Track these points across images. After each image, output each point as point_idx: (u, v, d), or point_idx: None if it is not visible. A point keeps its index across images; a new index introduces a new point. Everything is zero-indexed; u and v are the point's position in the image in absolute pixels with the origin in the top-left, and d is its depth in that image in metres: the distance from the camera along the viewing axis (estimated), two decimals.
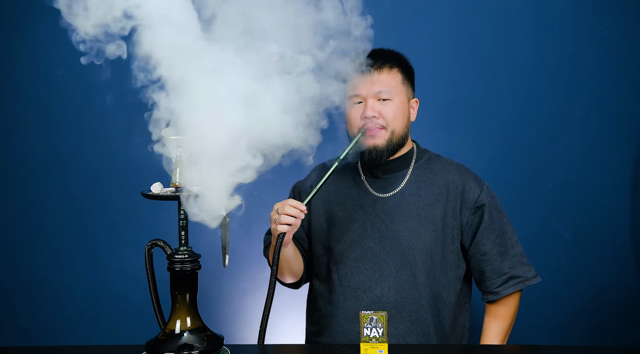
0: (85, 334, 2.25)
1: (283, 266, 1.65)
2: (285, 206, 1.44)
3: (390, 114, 1.57)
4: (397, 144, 1.59)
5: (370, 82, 1.57)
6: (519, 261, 1.62)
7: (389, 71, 1.59)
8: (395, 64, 1.60)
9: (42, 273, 2.32)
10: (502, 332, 1.63)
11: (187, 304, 1.29)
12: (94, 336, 2.24)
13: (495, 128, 2.35)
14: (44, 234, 2.34)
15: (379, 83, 1.57)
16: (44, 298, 2.31)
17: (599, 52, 2.32)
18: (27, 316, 2.34)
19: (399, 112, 1.58)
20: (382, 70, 1.58)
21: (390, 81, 1.58)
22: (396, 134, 1.58)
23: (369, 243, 1.60)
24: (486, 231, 1.60)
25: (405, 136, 1.61)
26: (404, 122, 1.60)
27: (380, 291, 1.57)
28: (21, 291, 2.35)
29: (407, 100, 1.62)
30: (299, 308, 1.95)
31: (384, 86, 1.57)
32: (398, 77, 1.60)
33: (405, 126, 1.61)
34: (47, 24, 2.24)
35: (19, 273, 2.34)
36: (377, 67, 1.58)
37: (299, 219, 1.45)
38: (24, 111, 2.36)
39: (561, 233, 2.33)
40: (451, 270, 1.61)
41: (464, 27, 2.34)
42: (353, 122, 1.59)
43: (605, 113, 2.33)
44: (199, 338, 1.27)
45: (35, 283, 2.33)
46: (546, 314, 2.33)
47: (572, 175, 2.33)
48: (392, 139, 1.58)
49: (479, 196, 1.60)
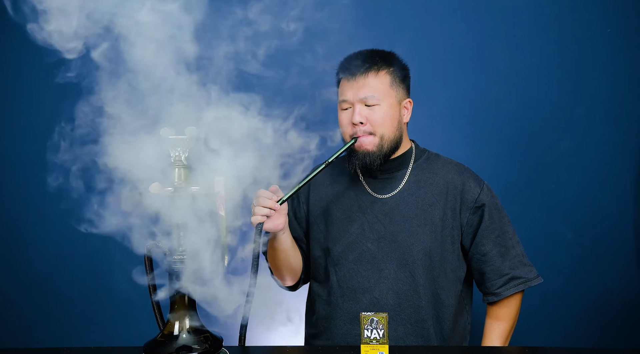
0: (83, 336, 2.25)
1: (281, 257, 1.62)
2: (260, 198, 1.44)
3: (378, 120, 1.55)
4: (390, 148, 1.58)
5: (356, 88, 1.55)
6: (520, 262, 1.61)
7: (376, 74, 1.56)
8: (383, 65, 1.57)
9: (40, 274, 2.31)
10: (503, 334, 1.62)
11: (186, 305, 1.29)
12: (92, 338, 2.23)
13: (496, 127, 2.33)
14: (41, 234, 2.33)
15: (365, 88, 1.55)
16: (41, 300, 2.31)
17: (601, 51, 2.30)
18: (24, 318, 2.34)
19: (388, 117, 1.56)
20: (368, 74, 1.56)
21: (377, 85, 1.56)
22: (386, 139, 1.57)
23: (368, 244, 1.59)
24: (486, 231, 1.59)
25: (397, 138, 1.59)
26: (393, 125, 1.58)
27: (379, 292, 1.57)
28: (19, 294, 2.34)
29: (397, 102, 1.59)
30: (296, 310, 1.94)
31: (369, 91, 1.55)
32: (386, 79, 1.57)
33: (396, 129, 1.58)
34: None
35: (16, 274, 2.34)
36: (362, 72, 1.55)
37: (277, 211, 1.45)
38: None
39: (563, 234, 2.31)
40: (451, 271, 1.60)
41: (466, 26, 2.33)
42: (344, 128, 1.59)
43: (608, 112, 2.31)
44: (198, 340, 1.27)
45: (33, 285, 2.32)
46: (548, 315, 2.32)
47: (575, 175, 2.32)
48: (382, 144, 1.56)
49: (479, 195, 1.60)
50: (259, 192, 1.45)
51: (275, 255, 1.63)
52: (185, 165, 1.28)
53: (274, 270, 1.69)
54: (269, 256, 1.66)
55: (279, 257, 1.63)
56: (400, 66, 1.62)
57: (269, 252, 1.64)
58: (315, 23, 2.01)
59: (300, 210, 1.71)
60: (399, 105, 1.60)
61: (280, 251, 1.61)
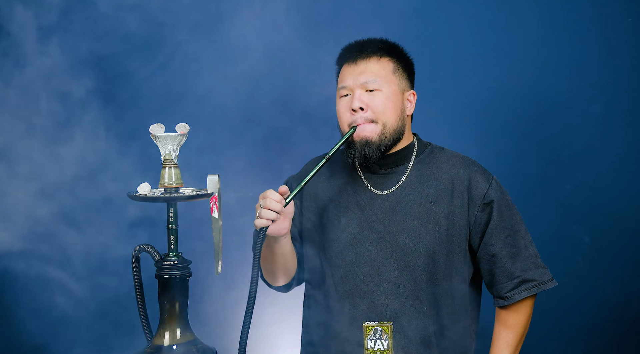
0: (69, 346, 2.21)
1: (279, 261, 1.59)
2: (267, 200, 1.39)
3: (380, 105, 1.50)
4: (391, 139, 1.53)
5: (357, 72, 1.52)
6: (533, 263, 1.55)
7: (378, 60, 1.53)
8: (385, 52, 1.54)
9: (22, 281, 2.26)
10: (512, 343, 1.57)
11: (177, 315, 1.26)
12: (78, 348, 2.20)
13: (508, 124, 2.31)
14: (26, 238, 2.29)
15: (366, 73, 1.51)
16: (25, 307, 2.26)
17: (621, 41, 2.26)
18: (8, 326, 2.28)
19: (390, 103, 1.51)
20: (370, 59, 1.53)
21: (379, 70, 1.52)
22: (389, 127, 1.51)
23: (366, 245, 1.54)
24: (495, 230, 1.53)
25: (399, 129, 1.54)
26: (396, 113, 1.52)
27: (378, 297, 1.52)
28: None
29: (400, 91, 1.55)
30: (294, 316, 1.91)
31: (370, 76, 1.51)
32: (389, 66, 1.54)
33: (398, 118, 1.53)
34: None
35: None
36: (364, 56, 1.53)
37: (283, 215, 1.42)
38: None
39: (580, 237, 2.29)
40: (456, 274, 1.54)
41: (474, 16, 2.31)
42: (342, 116, 1.54)
43: (626, 108, 2.27)
44: (190, 352, 1.24)
45: (14, 292, 2.26)
46: (563, 324, 2.30)
47: (591, 175, 2.29)
48: (385, 132, 1.51)
49: (487, 191, 1.54)
50: (268, 193, 1.40)
51: (273, 258, 1.59)
52: (177, 164, 1.24)
53: (266, 272, 1.66)
54: (263, 258, 1.60)
55: (276, 260, 1.59)
56: (404, 57, 1.59)
57: (264, 254, 1.59)
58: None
59: (295, 207, 1.65)
60: (401, 94, 1.55)
61: (279, 255, 1.57)
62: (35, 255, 2.13)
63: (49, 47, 1.81)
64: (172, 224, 1.26)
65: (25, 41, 1.80)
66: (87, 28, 2.12)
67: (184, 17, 2.22)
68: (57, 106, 1.83)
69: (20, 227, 1.76)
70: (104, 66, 2.16)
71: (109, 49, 2.16)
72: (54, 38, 1.85)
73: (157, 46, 2.19)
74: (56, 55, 1.80)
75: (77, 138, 1.70)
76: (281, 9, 2.11)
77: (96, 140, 1.79)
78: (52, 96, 1.83)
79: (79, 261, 2.06)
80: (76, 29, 2.10)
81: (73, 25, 2.09)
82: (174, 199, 1.22)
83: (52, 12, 1.93)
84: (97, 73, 2.06)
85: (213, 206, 1.26)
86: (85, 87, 1.88)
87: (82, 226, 2.09)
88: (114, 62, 2.19)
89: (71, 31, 2.07)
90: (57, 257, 2.14)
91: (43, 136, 1.71)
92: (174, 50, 2.19)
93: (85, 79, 1.88)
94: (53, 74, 1.80)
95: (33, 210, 1.67)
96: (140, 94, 2.21)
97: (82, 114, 1.81)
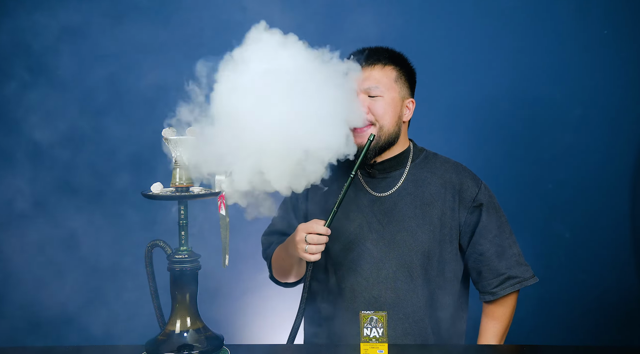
0: (85, 334, 2.24)
1: (294, 264, 1.63)
2: (314, 236, 1.45)
3: (379, 110, 1.56)
4: (386, 142, 1.58)
5: (362, 79, 1.57)
6: (516, 262, 1.61)
7: (382, 68, 1.58)
8: (390, 61, 1.60)
9: (40, 272, 2.30)
10: (499, 333, 1.63)
11: (187, 304, 1.30)
12: (94, 336, 2.22)
13: (494, 127, 2.35)
14: (43, 232, 2.33)
15: (370, 79, 1.57)
16: (42, 298, 2.30)
17: (599, 52, 2.31)
18: (25, 316, 2.33)
19: (389, 109, 1.57)
20: (374, 66, 1.58)
21: (382, 78, 1.58)
22: (385, 130, 1.57)
23: (367, 244, 1.60)
24: (484, 230, 1.59)
25: (395, 133, 1.60)
26: (394, 119, 1.58)
27: (377, 292, 1.57)
28: (18, 290, 2.33)
29: (400, 98, 1.60)
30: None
31: (374, 83, 1.57)
32: (392, 74, 1.59)
33: (395, 124, 1.59)
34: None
35: (13, 271, 2.32)
36: (369, 64, 1.58)
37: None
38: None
39: (561, 233, 2.33)
40: (449, 271, 1.60)
41: (464, 27, 2.34)
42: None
43: (605, 112, 2.32)
44: (199, 338, 1.28)
45: (32, 282, 2.31)
46: (546, 314, 2.33)
47: (572, 174, 2.33)
48: (381, 135, 1.57)
49: (477, 194, 1.60)
50: (314, 227, 1.46)
51: (290, 261, 1.63)
52: (187, 166, 1.28)
53: (278, 272, 1.69)
54: (278, 262, 1.66)
55: (292, 263, 1.63)
56: (408, 67, 1.64)
57: (281, 257, 1.64)
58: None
59: (300, 207, 1.71)
60: (401, 101, 1.61)
61: (300, 266, 1.63)
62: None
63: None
64: (182, 220, 1.30)
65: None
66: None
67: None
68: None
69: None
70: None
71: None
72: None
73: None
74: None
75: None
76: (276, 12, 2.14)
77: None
78: None
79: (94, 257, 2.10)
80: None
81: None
82: (184, 197, 1.27)
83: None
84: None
85: (220, 203, 1.28)
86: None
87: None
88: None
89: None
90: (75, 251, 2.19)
91: None
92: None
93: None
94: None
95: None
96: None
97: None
